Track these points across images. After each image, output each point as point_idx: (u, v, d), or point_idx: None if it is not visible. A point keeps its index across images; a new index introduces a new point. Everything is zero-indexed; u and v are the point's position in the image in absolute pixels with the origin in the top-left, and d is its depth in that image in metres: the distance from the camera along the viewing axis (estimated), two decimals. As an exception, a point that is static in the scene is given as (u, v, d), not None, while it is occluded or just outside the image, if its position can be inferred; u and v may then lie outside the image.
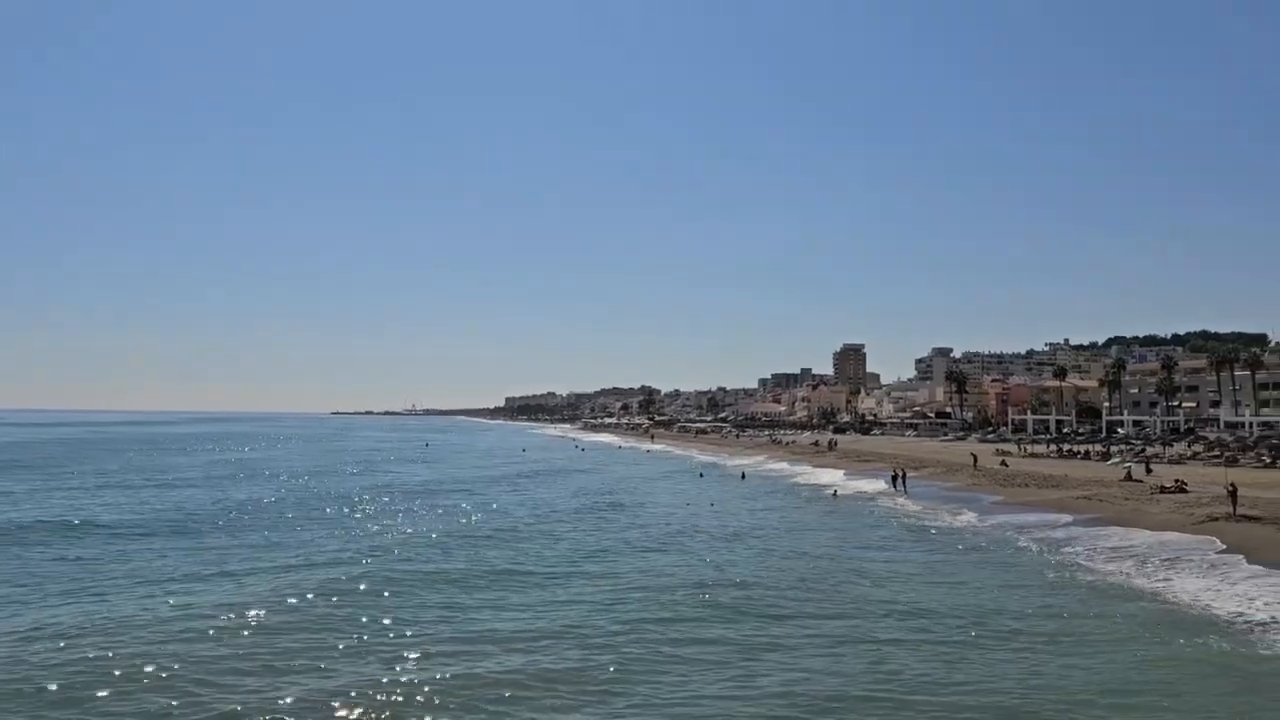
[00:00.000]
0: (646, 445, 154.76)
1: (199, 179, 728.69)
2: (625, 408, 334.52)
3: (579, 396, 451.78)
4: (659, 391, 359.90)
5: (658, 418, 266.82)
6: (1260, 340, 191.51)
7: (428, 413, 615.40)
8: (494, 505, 52.92)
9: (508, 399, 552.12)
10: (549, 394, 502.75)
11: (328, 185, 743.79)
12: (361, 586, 27.02)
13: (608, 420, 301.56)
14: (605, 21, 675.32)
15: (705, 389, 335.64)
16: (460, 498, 57.82)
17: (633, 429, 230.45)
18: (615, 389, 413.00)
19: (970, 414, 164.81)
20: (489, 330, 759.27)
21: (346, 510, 49.92)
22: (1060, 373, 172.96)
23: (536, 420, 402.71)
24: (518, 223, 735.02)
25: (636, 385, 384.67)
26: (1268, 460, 73.56)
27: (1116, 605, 24.86)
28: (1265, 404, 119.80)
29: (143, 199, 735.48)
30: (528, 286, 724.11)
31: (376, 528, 42.06)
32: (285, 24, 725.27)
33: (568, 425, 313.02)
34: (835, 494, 59.59)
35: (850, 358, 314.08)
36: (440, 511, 49.28)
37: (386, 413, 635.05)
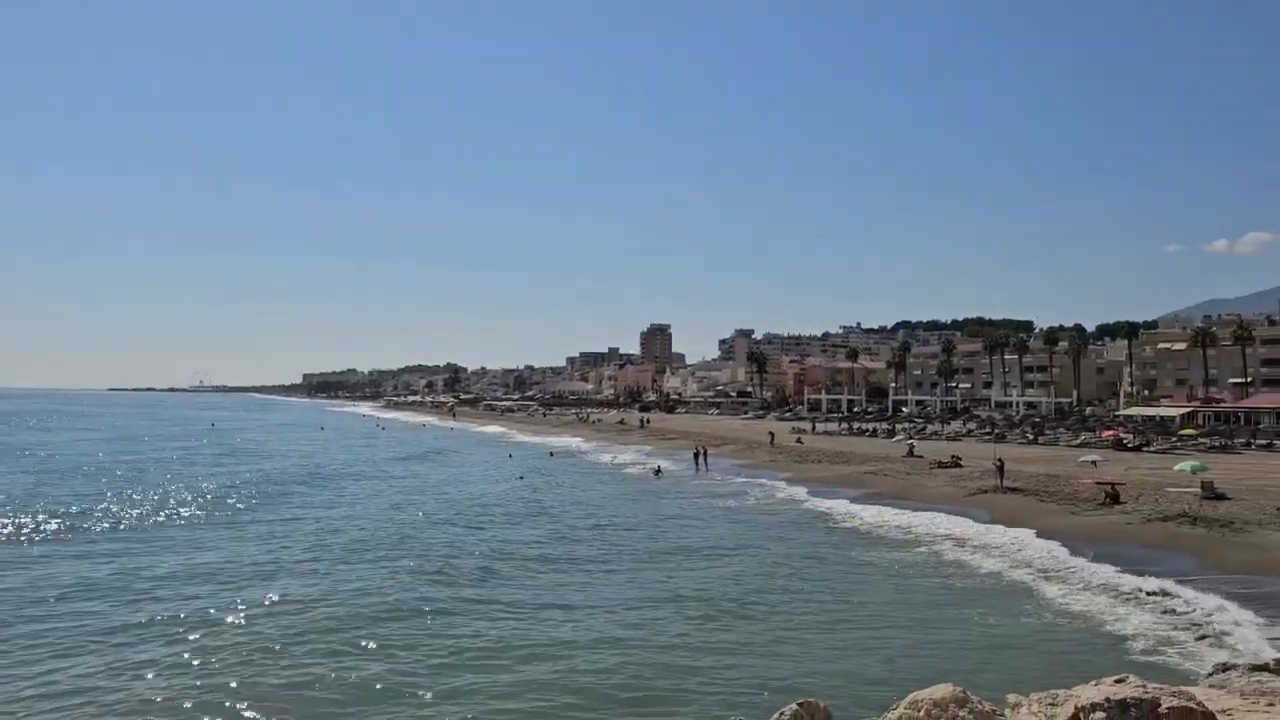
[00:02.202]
0: (450, 423, 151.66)
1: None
2: (430, 386, 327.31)
3: (382, 374, 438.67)
4: (465, 369, 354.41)
5: (463, 396, 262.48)
6: (1027, 327, 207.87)
7: (216, 389, 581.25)
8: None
9: (305, 375, 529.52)
10: (350, 371, 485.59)
11: (103, 148, 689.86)
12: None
13: (412, 398, 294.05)
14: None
15: (513, 367, 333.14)
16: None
17: (437, 407, 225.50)
18: (420, 366, 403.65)
19: (770, 393, 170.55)
20: (285, 304, 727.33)
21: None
22: (852, 355, 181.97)
23: (336, 398, 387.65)
24: (312, 196, 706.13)
25: (442, 363, 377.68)
26: (1031, 437, 79.72)
27: (887, 564, 25.90)
28: (1030, 385, 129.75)
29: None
30: (327, 260, 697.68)
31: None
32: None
33: (370, 403, 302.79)
34: (658, 471, 59.53)
35: (657, 338, 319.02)
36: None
37: (171, 389, 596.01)
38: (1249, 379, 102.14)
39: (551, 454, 78.47)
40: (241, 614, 20.93)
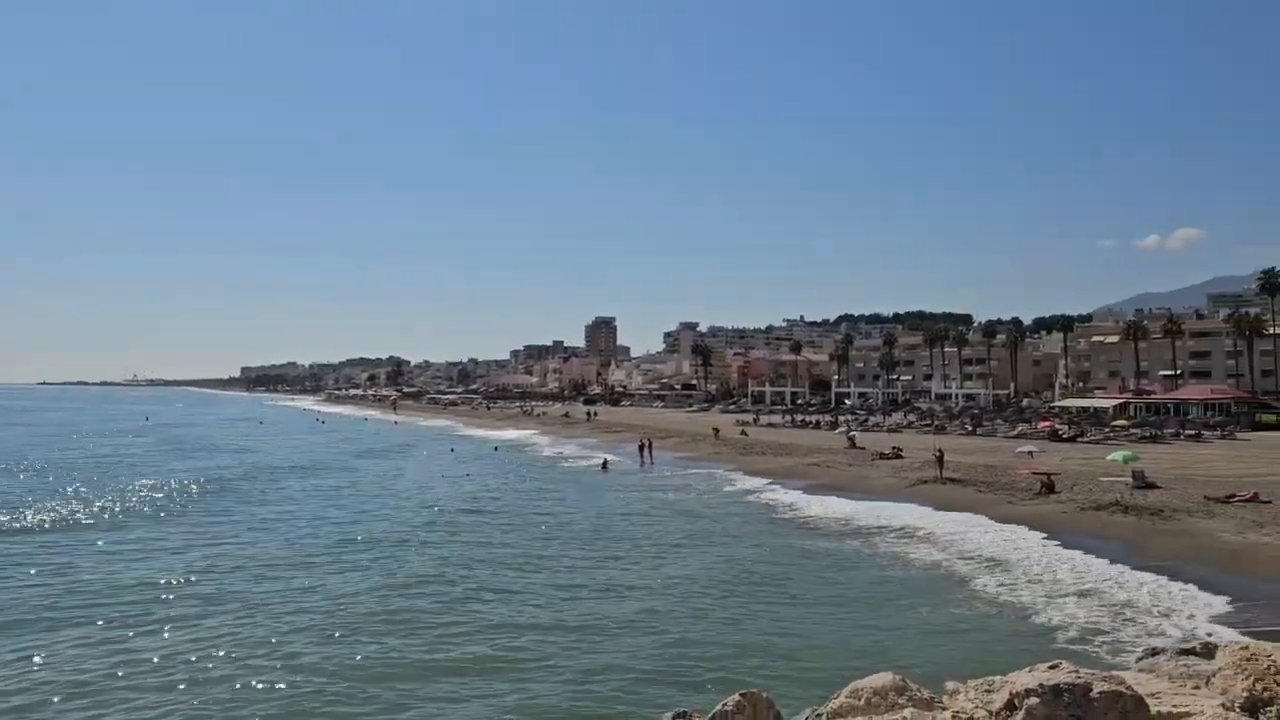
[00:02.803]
0: (393, 417, 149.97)
1: None
2: (372, 379, 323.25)
3: (323, 367, 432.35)
4: (408, 362, 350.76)
5: (406, 389, 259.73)
6: (966, 320, 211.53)
7: (152, 383, 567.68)
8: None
9: (244, 369, 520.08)
10: (290, 364, 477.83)
11: (32, 146, 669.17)
12: None
13: (353, 392, 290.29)
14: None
15: (456, 360, 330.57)
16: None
17: (379, 401, 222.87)
18: (362, 359, 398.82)
19: (714, 386, 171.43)
20: (224, 295, 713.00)
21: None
22: (796, 347, 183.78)
23: (276, 391, 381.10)
24: (256, 191, 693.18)
25: (385, 356, 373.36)
26: (970, 428, 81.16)
27: (828, 555, 26.19)
28: (969, 377, 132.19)
29: None
30: (267, 253, 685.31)
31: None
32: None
33: (311, 397, 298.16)
34: (605, 465, 59.31)
35: (602, 330, 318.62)
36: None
37: (104, 383, 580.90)
38: (1178, 371, 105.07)
39: (496, 448, 78.00)
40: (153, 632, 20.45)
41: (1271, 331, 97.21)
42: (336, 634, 19.01)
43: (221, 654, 17.48)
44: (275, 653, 17.65)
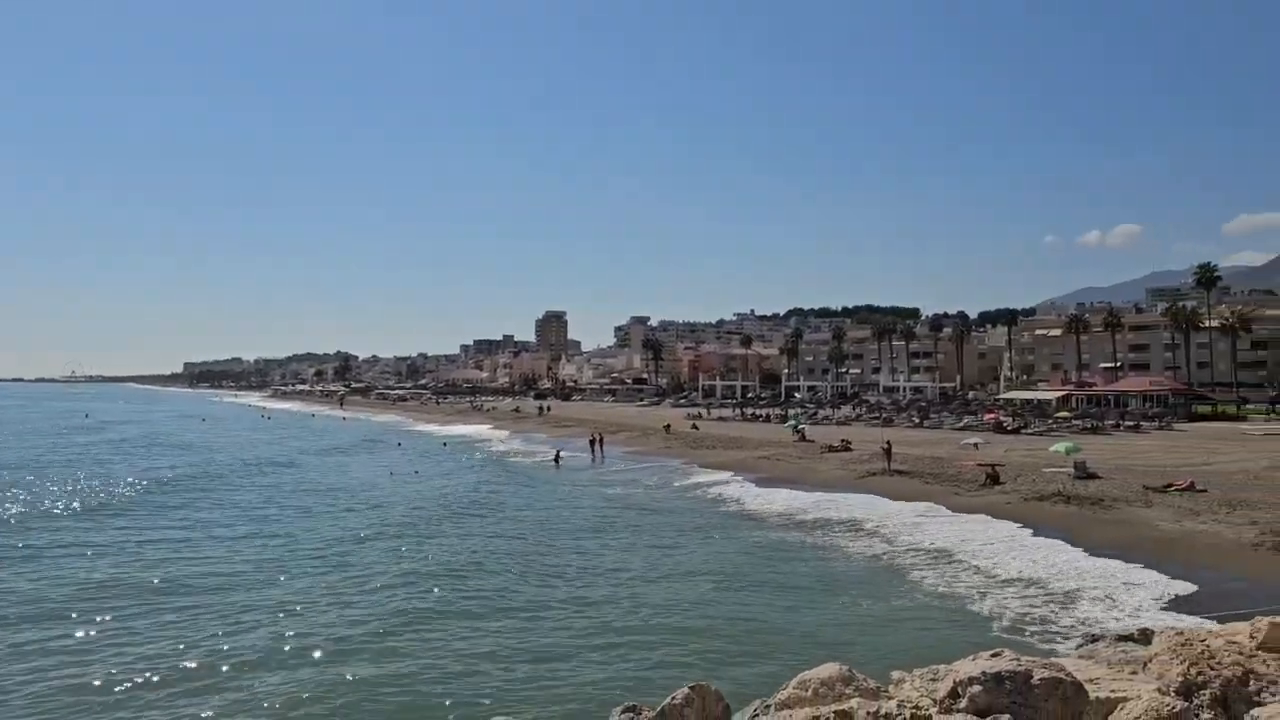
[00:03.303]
0: (340, 413, 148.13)
1: None
2: (320, 374, 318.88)
3: (269, 363, 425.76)
4: (356, 357, 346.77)
5: (354, 385, 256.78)
6: (914, 314, 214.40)
7: (92, 380, 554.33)
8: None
9: (187, 365, 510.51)
10: (235, 360, 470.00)
11: None
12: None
13: (300, 387, 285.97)
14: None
15: (406, 355, 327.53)
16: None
17: (327, 396, 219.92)
18: (309, 354, 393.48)
19: (665, 380, 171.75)
20: (166, 290, 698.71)
21: None
22: (746, 341, 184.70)
23: (221, 388, 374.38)
24: (195, 179, 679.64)
25: (332, 351, 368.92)
26: (917, 421, 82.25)
27: (776, 547, 26.39)
28: (916, 370, 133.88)
29: None
30: (209, 247, 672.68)
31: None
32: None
33: (256, 393, 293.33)
34: (557, 459, 59.01)
35: (552, 325, 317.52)
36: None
37: (40, 379, 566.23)
38: (1118, 363, 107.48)
39: (445, 444, 77.38)
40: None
41: (1207, 325, 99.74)
42: (284, 647, 18.73)
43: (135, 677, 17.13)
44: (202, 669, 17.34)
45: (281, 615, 20.16)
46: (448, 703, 14.85)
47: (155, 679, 15.84)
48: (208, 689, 15.42)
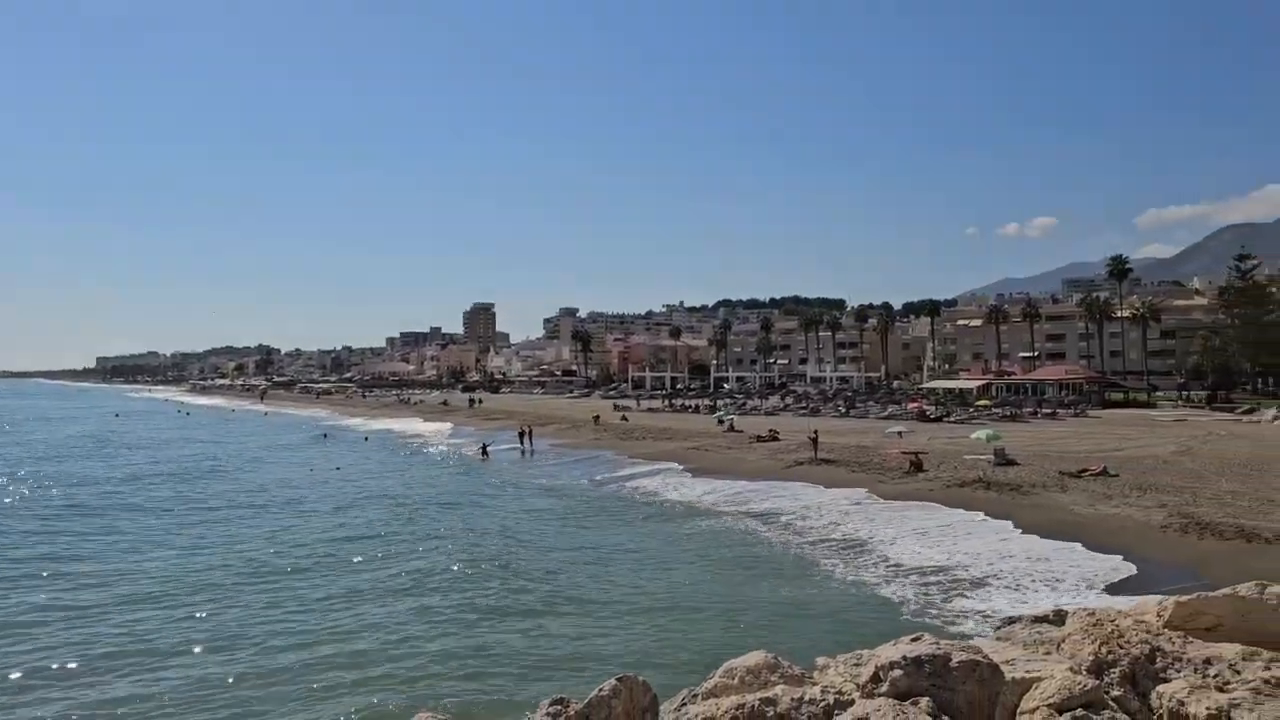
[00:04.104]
0: (262, 407, 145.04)
1: None
2: (240, 368, 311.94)
3: (186, 357, 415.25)
4: (279, 351, 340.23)
5: (277, 379, 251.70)
6: (840, 305, 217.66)
7: None
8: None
9: (100, 359, 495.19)
10: (150, 354, 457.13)
11: None
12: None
13: (220, 382, 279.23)
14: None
15: (330, 348, 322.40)
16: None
17: (248, 390, 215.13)
18: (229, 348, 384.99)
19: (594, 372, 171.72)
20: (76, 282, 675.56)
21: None
22: (676, 333, 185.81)
23: (136, 382, 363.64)
24: (99, 158, 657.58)
25: (253, 344, 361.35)
26: (843, 410, 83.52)
27: (703, 537, 26.61)
28: (842, 361, 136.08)
29: None
30: (120, 234, 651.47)
31: None
32: None
33: (173, 387, 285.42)
34: (485, 452, 58.49)
35: (480, 317, 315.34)
36: None
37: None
38: (1036, 353, 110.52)
39: (366, 438, 76.29)
40: None
41: (1119, 315, 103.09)
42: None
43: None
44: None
45: (214, 616, 19.71)
46: (375, 700, 14.65)
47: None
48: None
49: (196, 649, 17.41)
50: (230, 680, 15.60)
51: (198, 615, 19.85)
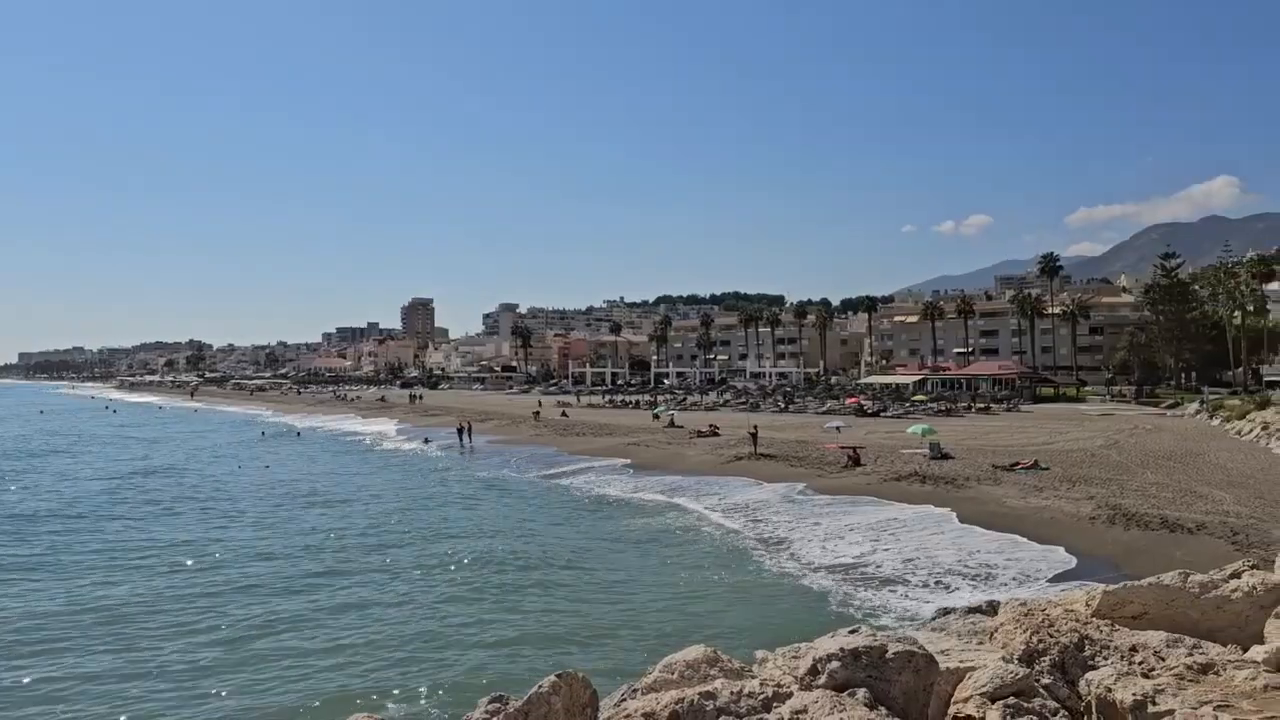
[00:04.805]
0: (193, 404, 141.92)
1: None
2: (170, 364, 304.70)
3: (114, 352, 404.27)
4: (210, 346, 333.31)
5: (209, 374, 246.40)
6: (779, 301, 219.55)
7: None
8: None
9: (22, 355, 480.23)
10: (76, 349, 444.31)
11: None
12: None
13: (150, 378, 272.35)
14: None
15: (264, 344, 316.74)
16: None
17: (179, 387, 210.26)
18: (159, 344, 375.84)
19: (535, 367, 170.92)
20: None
21: None
22: (616, 328, 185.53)
23: (61, 379, 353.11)
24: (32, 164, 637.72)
25: (184, 340, 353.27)
26: (782, 405, 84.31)
27: (642, 532, 26.68)
28: (781, 356, 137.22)
29: None
30: (43, 226, 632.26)
31: None
32: None
33: (100, 384, 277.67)
34: (427, 443, 58.15)
35: (419, 312, 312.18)
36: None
37: None
38: (970, 349, 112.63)
39: (299, 434, 75.07)
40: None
41: (1050, 312, 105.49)
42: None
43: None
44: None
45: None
46: (317, 704, 14.41)
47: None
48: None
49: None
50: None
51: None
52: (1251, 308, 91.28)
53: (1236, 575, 6.67)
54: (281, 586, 22.04)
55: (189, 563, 24.91)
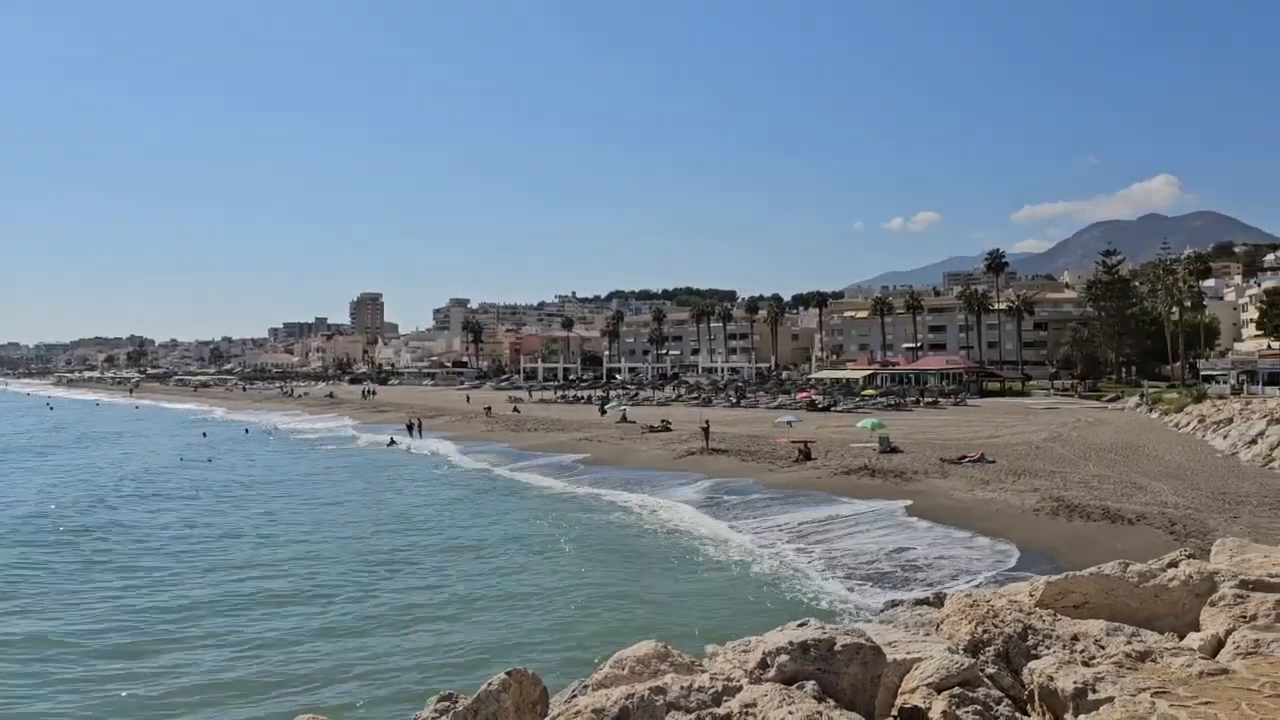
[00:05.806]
0: (134, 401, 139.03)
1: None
2: (111, 360, 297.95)
3: (51, 348, 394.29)
4: (153, 342, 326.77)
5: (151, 370, 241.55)
6: (731, 296, 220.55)
7: None
8: None
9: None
10: (11, 345, 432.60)
11: None
12: None
13: (89, 374, 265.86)
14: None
15: (209, 339, 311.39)
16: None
17: (120, 383, 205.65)
18: (99, 339, 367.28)
19: (486, 363, 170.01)
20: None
21: None
22: (568, 324, 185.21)
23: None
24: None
25: (125, 335, 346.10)
26: (734, 400, 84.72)
27: (594, 527, 26.67)
28: (733, 351, 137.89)
29: None
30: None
31: None
32: None
33: (37, 381, 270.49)
34: (391, 442, 58.09)
35: (368, 307, 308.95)
36: None
37: None
38: (919, 343, 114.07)
39: (247, 431, 73.94)
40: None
41: (996, 308, 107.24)
42: None
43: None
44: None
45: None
46: (281, 702, 14.21)
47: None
48: None
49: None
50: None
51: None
52: (1189, 304, 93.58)
53: (1174, 564, 6.82)
54: (208, 596, 21.69)
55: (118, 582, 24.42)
